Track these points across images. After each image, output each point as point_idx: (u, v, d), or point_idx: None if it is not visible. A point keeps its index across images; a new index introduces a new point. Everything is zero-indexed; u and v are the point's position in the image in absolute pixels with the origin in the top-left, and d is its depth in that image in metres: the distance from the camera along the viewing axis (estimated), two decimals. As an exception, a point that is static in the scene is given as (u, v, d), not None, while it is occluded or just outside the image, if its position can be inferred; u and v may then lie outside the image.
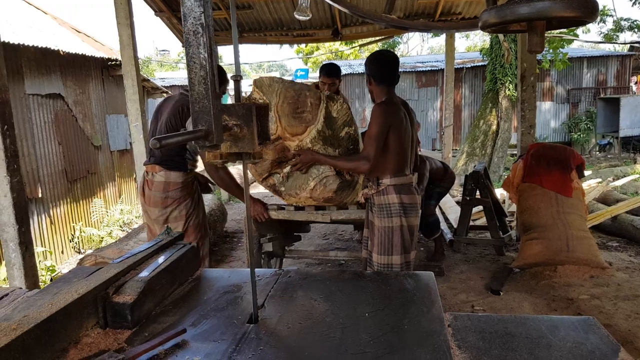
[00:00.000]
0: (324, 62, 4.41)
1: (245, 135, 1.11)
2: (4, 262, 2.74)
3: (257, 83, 2.68)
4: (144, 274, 1.34)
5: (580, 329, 1.22)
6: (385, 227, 2.46)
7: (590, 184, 6.60)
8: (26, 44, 5.02)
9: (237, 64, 1.23)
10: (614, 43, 12.46)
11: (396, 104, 2.47)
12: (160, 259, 1.46)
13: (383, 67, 2.50)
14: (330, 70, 4.00)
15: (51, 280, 4.52)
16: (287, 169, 2.74)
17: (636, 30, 11.82)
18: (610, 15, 11.43)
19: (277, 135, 2.66)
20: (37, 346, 0.99)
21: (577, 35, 10.54)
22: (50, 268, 4.71)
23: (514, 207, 5.20)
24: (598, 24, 12.93)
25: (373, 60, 2.53)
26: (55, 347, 1.05)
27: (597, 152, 14.21)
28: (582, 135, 14.51)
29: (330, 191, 2.71)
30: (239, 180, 2.95)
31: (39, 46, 5.26)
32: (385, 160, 2.42)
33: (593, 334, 1.20)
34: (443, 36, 9.71)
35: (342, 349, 1.10)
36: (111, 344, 1.13)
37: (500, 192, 5.93)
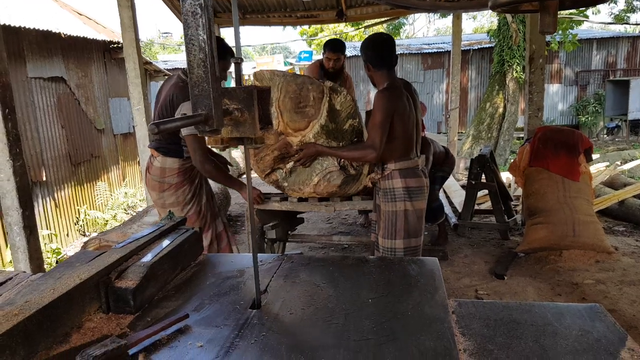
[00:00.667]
0: (327, 39, 4.33)
1: (247, 119, 1.08)
2: (9, 246, 2.75)
3: (258, 77, 2.59)
4: (147, 258, 1.34)
5: (586, 317, 1.21)
6: (389, 211, 2.45)
7: (598, 168, 6.53)
8: (27, 27, 4.97)
9: (238, 46, 1.20)
10: (625, 24, 12.15)
11: (398, 88, 2.41)
12: (163, 244, 1.46)
13: (379, 51, 2.43)
14: (335, 46, 3.94)
15: (57, 262, 4.57)
16: (290, 165, 2.69)
17: (649, 10, 11.52)
18: (622, -4, 11.15)
19: (279, 131, 2.60)
20: (39, 331, 0.99)
21: (587, 16, 10.29)
22: (56, 250, 4.75)
23: (519, 191, 5.16)
24: (609, 4, 12.61)
25: (368, 46, 2.44)
26: (57, 332, 1.05)
27: (605, 136, 14.06)
28: (590, 118, 14.32)
29: (334, 186, 2.67)
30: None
31: (40, 29, 5.21)
32: (390, 146, 2.38)
33: (599, 322, 1.18)
34: (450, 17, 9.54)
35: (344, 335, 1.09)
36: (114, 329, 1.13)
37: (506, 176, 5.89)
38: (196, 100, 0.95)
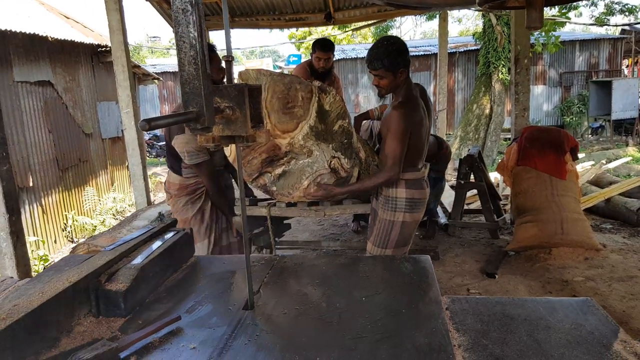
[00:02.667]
0: (316, 39, 4.30)
1: (238, 117, 1.07)
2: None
3: (243, 76, 2.51)
4: (137, 261, 1.32)
5: (578, 310, 1.22)
6: (387, 220, 2.40)
7: (584, 167, 6.63)
8: (14, 30, 4.90)
9: (229, 43, 1.19)
10: (606, 25, 12.38)
11: (416, 98, 2.34)
12: (153, 246, 1.44)
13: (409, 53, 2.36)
14: (325, 45, 3.94)
15: (44, 269, 4.49)
16: (278, 170, 2.61)
17: (627, 13, 11.77)
18: (602, -1, 11.39)
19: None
20: (28, 336, 0.97)
21: (569, 18, 10.45)
22: (43, 257, 4.68)
23: (508, 191, 5.21)
24: (589, 7, 12.88)
25: (404, 49, 2.30)
26: (46, 337, 1.03)
27: (590, 135, 14.27)
28: (574, 119, 14.54)
29: None
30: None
31: (27, 32, 5.14)
32: None
33: (592, 315, 1.20)
34: (436, 21, 9.63)
35: (339, 334, 1.09)
36: (104, 333, 1.12)
37: (494, 176, 5.94)
38: (187, 97, 0.94)
